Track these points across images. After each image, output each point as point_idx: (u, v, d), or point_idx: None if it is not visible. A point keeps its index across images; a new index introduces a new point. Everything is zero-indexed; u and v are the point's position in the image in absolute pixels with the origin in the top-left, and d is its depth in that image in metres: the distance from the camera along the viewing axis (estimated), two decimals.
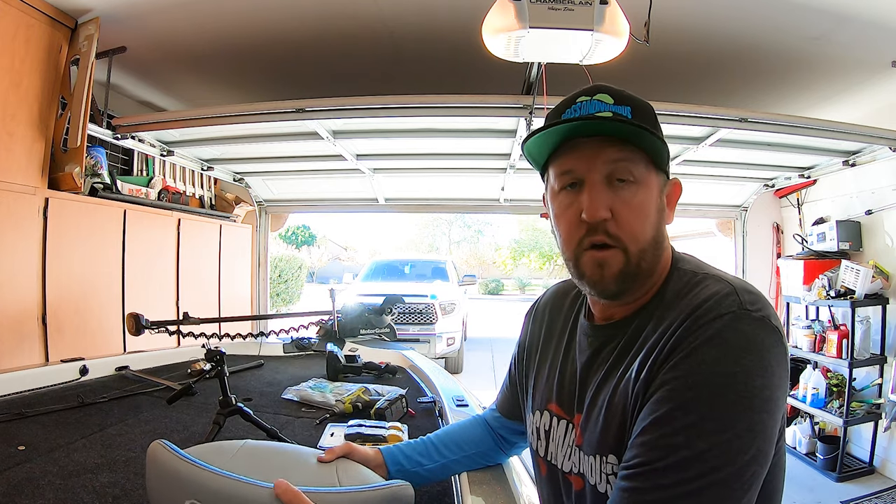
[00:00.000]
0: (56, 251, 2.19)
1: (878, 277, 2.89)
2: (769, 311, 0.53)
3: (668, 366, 0.51)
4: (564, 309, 0.76)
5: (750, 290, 0.55)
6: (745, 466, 0.47)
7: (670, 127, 2.47)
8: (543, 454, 0.71)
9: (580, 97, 0.62)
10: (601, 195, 0.58)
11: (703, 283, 0.57)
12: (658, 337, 0.55)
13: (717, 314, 0.51)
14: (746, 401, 0.48)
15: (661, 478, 0.47)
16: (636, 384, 0.55)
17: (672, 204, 0.65)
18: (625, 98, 0.61)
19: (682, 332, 0.52)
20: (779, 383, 0.50)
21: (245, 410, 1.04)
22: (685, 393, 0.49)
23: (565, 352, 0.71)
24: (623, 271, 0.59)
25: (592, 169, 0.59)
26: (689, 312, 0.53)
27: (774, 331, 0.52)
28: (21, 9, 1.98)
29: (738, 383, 0.48)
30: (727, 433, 0.47)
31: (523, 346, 0.82)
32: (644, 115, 0.61)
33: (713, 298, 0.53)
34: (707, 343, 0.50)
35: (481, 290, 19.70)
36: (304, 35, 2.39)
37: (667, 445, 0.48)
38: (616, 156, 0.58)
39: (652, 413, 0.50)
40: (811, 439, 3.18)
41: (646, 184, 0.60)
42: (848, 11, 2.05)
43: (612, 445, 0.57)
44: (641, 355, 0.56)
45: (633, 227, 0.59)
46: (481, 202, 4.01)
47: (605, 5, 1.53)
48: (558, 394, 0.69)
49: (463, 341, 6.52)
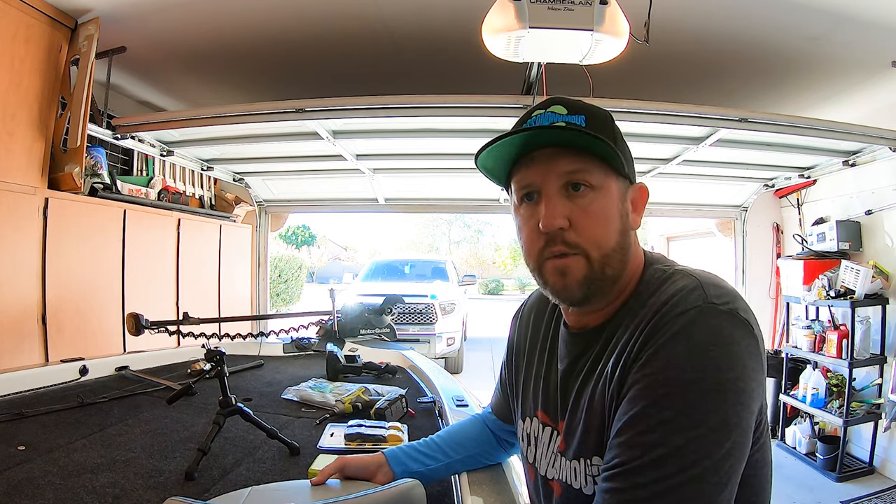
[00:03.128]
0: (56, 251, 2.19)
1: (878, 277, 2.89)
2: (738, 303, 0.52)
3: (639, 364, 0.52)
4: (546, 315, 0.76)
5: (717, 283, 0.55)
6: (721, 460, 0.47)
7: (670, 127, 2.47)
8: (532, 460, 0.71)
9: (536, 111, 0.63)
10: (557, 205, 0.58)
11: (671, 279, 0.57)
12: (629, 336, 0.55)
13: (683, 309, 0.51)
14: (719, 394, 0.47)
15: (638, 476, 0.47)
16: (611, 384, 0.55)
17: (639, 208, 0.64)
18: (579, 108, 0.62)
19: (650, 330, 0.52)
20: (752, 375, 0.50)
21: (245, 410, 1.04)
22: (657, 390, 0.49)
23: (548, 359, 0.71)
24: (587, 277, 0.59)
25: (547, 180, 0.59)
26: (657, 310, 0.53)
27: (743, 323, 0.51)
28: (21, 9, 1.98)
29: (708, 377, 0.48)
30: (701, 427, 0.47)
31: (511, 350, 0.82)
32: (599, 122, 0.61)
33: (679, 294, 0.53)
34: (673, 339, 0.50)
35: (481, 290, 19.71)
36: (304, 35, 2.39)
37: (643, 444, 0.48)
38: (570, 166, 0.59)
39: (626, 412, 0.51)
40: (811, 439, 3.18)
41: (604, 190, 0.60)
42: (848, 11, 2.05)
43: (595, 448, 0.58)
44: (615, 356, 0.56)
45: (593, 234, 0.59)
46: (481, 202, 4.01)
47: (605, 5, 1.53)
48: (544, 402, 0.70)
49: (463, 341, 6.52)
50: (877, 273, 2.89)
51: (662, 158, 3.04)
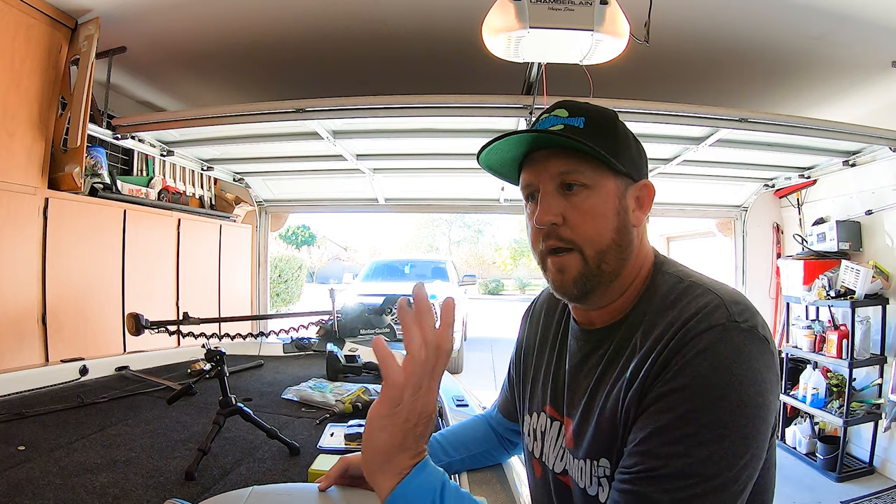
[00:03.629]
0: (56, 251, 2.19)
1: (878, 277, 2.89)
2: (756, 320, 0.55)
3: (664, 378, 0.53)
4: (557, 312, 0.77)
5: (738, 300, 0.56)
6: (741, 470, 0.50)
7: (670, 127, 2.47)
8: (539, 455, 0.71)
9: (543, 115, 0.66)
10: (552, 202, 0.62)
11: (690, 292, 0.58)
12: (650, 347, 0.56)
13: (708, 326, 0.53)
14: (741, 409, 0.50)
15: (664, 482, 0.49)
16: (629, 392, 0.56)
17: (643, 206, 0.66)
18: (580, 110, 0.64)
19: (674, 345, 0.54)
20: (770, 388, 0.52)
21: (245, 410, 1.04)
22: (683, 404, 0.51)
23: (559, 355, 0.72)
24: (582, 273, 0.61)
25: (543, 179, 0.63)
26: (681, 325, 0.55)
27: (762, 340, 0.54)
28: (21, 9, 1.98)
29: (732, 393, 0.50)
30: (725, 441, 0.49)
31: (520, 347, 0.83)
32: (597, 123, 0.63)
33: (703, 311, 0.55)
34: (700, 355, 0.52)
35: (481, 290, 19.70)
36: (304, 35, 2.39)
37: (668, 454, 0.50)
38: (562, 167, 0.62)
39: (651, 423, 0.52)
40: (811, 439, 3.18)
41: (599, 188, 0.62)
42: (848, 11, 2.05)
43: (604, 450, 0.59)
44: (634, 364, 0.57)
45: (587, 230, 0.61)
46: (481, 202, 4.01)
47: (606, 5, 1.53)
48: (553, 397, 0.70)
49: (463, 341, 6.52)
50: (877, 273, 2.89)
51: (662, 158, 3.04)
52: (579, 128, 0.62)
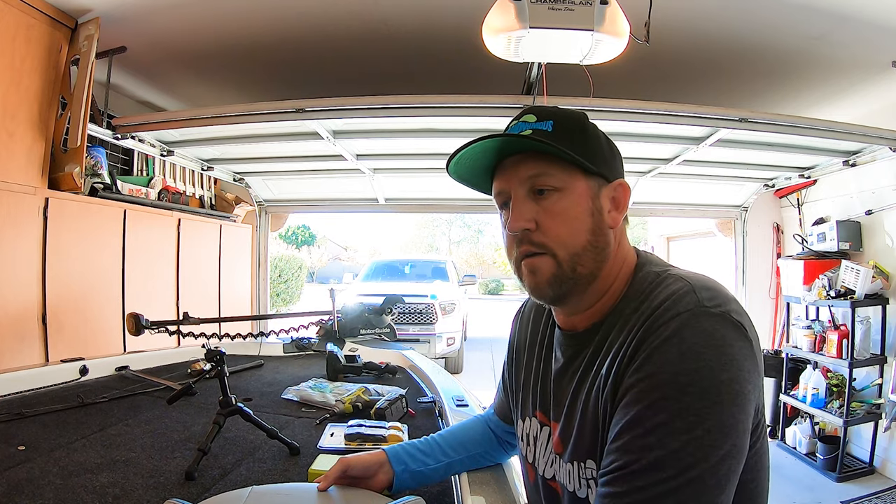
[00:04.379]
0: (56, 251, 2.19)
1: (878, 277, 2.89)
2: (730, 306, 0.53)
3: (632, 368, 0.52)
4: (544, 316, 0.76)
5: (709, 286, 0.55)
6: (719, 462, 0.47)
7: (670, 127, 2.47)
8: (532, 460, 0.72)
9: (512, 121, 0.66)
10: (523, 208, 0.61)
11: (663, 282, 0.57)
12: (622, 341, 0.55)
13: (675, 313, 0.52)
14: (714, 396, 0.47)
15: (637, 479, 0.47)
16: (605, 389, 0.55)
17: (620, 206, 0.64)
18: (548, 114, 0.64)
19: (642, 334, 0.53)
20: (748, 377, 0.50)
21: (245, 410, 1.04)
22: (652, 394, 0.49)
23: (545, 360, 0.72)
24: (556, 275, 0.60)
25: (514, 185, 0.63)
26: (649, 314, 0.54)
27: (736, 325, 0.51)
28: (21, 9, 1.98)
29: (702, 379, 0.48)
30: (697, 430, 0.47)
31: (512, 349, 0.83)
32: (565, 125, 0.63)
33: (671, 298, 0.53)
34: (666, 342, 0.50)
35: (481, 290, 19.71)
36: (304, 35, 2.39)
37: (640, 447, 0.48)
38: (531, 170, 0.61)
39: (622, 417, 0.51)
40: (811, 439, 3.18)
41: (570, 190, 0.61)
42: (848, 11, 2.05)
43: (589, 451, 0.58)
44: (608, 360, 0.56)
45: (558, 233, 0.60)
46: (481, 202, 4.00)
47: (606, 5, 1.53)
48: (542, 401, 0.70)
49: (463, 341, 6.52)
50: (877, 273, 2.89)
51: (662, 158, 3.04)
52: (547, 131, 0.61)
